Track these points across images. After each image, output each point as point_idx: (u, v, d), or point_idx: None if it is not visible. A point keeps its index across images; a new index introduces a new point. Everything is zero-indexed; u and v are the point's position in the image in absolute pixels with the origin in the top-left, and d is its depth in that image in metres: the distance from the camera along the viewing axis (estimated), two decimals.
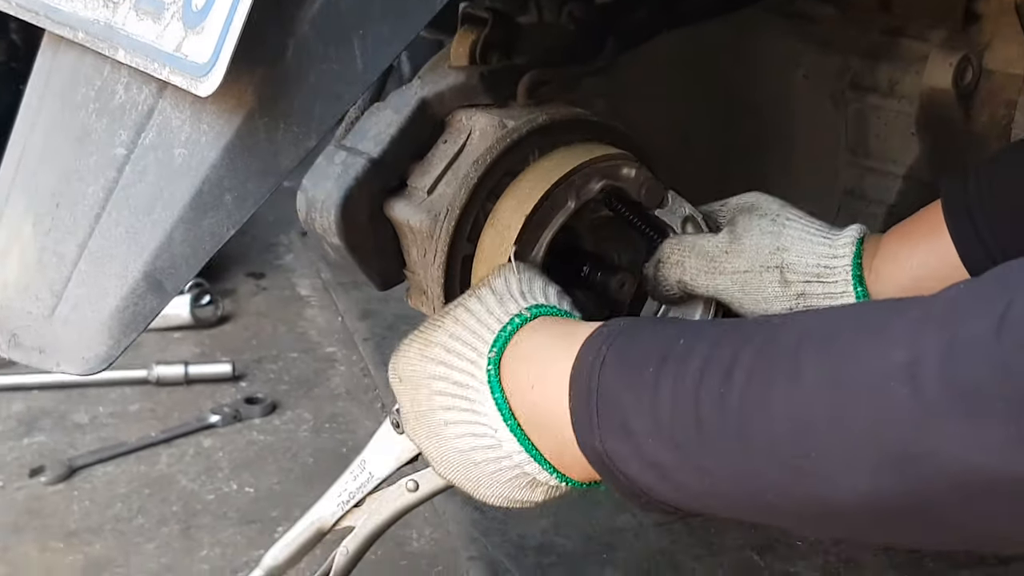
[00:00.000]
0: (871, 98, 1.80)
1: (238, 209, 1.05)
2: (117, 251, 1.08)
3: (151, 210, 1.06)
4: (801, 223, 1.37)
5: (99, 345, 1.09)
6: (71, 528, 2.11)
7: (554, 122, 1.52)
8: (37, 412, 2.49)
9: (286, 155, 1.04)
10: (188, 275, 1.06)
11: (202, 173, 1.03)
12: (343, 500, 1.77)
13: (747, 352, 0.92)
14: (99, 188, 1.10)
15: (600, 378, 1.03)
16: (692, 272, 1.39)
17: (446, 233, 1.46)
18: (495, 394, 1.12)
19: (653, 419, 0.97)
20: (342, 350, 2.76)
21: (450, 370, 1.16)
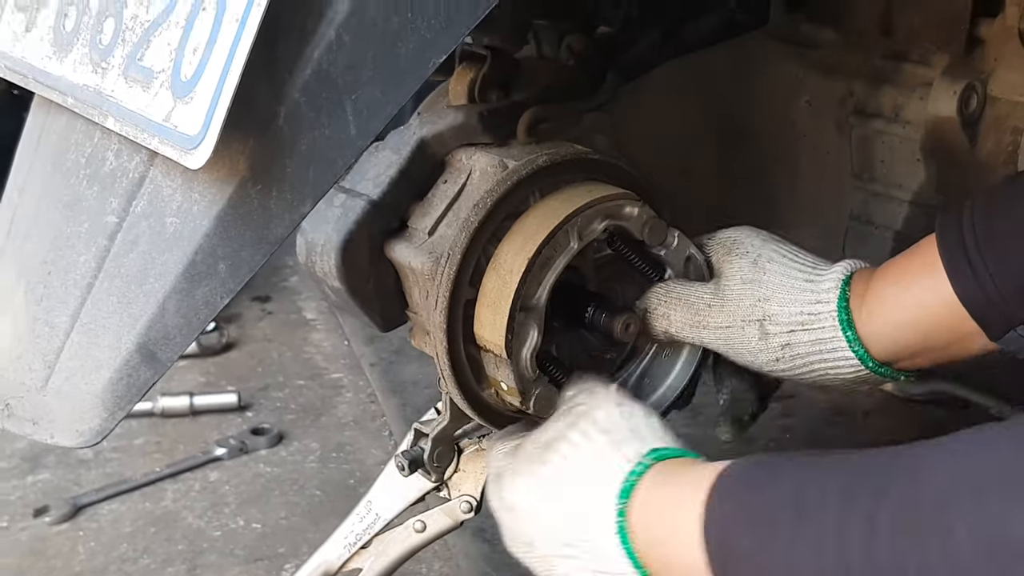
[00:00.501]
0: (875, 123, 1.78)
1: (232, 278, 1.03)
2: (110, 322, 1.06)
3: (143, 280, 1.04)
4: (783, 264, 1.34)
5: (93, 418, 1.07)
6: (76, 570, 2.09)
7: (555, 162, 1.49)
8: (40, 448, 2.47)
9: (280, 222, 1.03)
10: (183, 345, 1.04)
11: (195, 242, 1.01)
12: (349, 542, 1.76)
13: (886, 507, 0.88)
14: (91, 257, 1.08)
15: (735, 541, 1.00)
16: (677, 325, 1.38)
17: (447, 279, 1.44)
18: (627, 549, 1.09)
19: None
20: (348, 376, 2.74)
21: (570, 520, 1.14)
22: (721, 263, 1.39)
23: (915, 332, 1.28)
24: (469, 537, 2.12)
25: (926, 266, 1.27)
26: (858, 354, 1.30)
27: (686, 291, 1.39)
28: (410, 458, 1.65)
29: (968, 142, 1.66)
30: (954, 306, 1.24)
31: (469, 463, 1.70)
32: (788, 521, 0.95)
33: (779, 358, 1.33)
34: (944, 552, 0.83)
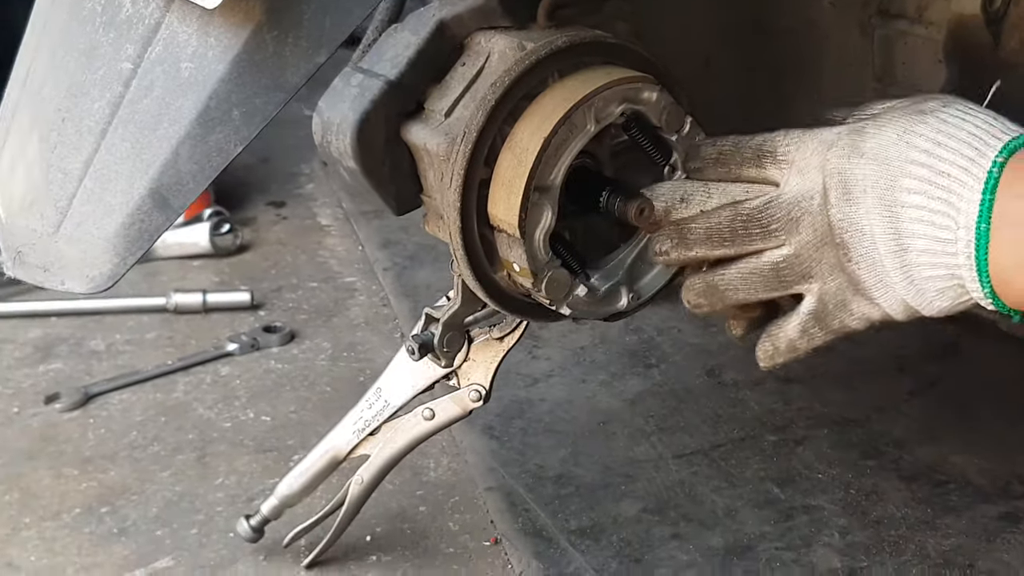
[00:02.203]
0: (898, 24, 1.76)
1: (246, 125, 1.03)
2: (123, 168, 1.06)
3: (157, 126, 1.04)
4: None
5: (104, 263, 1.07)
6: (85, 455, 2.10)
7: (573, 44, 1.48)
8: (54, 339, 2.48)
9: (295, 70, 1.02)
10: (195, 192, 1.04)
11: (209, 87, 1.01)
12: (358, 428, 1.77)
13: None
14: (105, 104, 1.08)
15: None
16: None
17: (463, 156, 1.44)
18: (986, 194, 1.10)
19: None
20: (362, 280, 2.74)
21: (937, 160, 1.13)
22: None
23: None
24: (478, 433, 2.12)
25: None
26: None
27: None
28: (420, 342, 1.65)
29: (992, 41, 1.64)
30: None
31: (479, 352, 1.71)
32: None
33: None
34: None
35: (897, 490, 1.98)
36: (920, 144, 1.14)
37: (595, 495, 1.97)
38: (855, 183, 1.17)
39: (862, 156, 1.17)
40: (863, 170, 1.17)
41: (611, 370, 2.33)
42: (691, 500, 1.96)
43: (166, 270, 2.77)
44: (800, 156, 1.23)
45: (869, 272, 1.18)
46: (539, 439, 2.12)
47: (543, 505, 1.94)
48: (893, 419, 2.17)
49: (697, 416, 2.19)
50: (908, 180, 1.14)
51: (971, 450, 2.07)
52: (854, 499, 1.96)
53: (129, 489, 2.01)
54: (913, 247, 1.14)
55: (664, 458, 2.07)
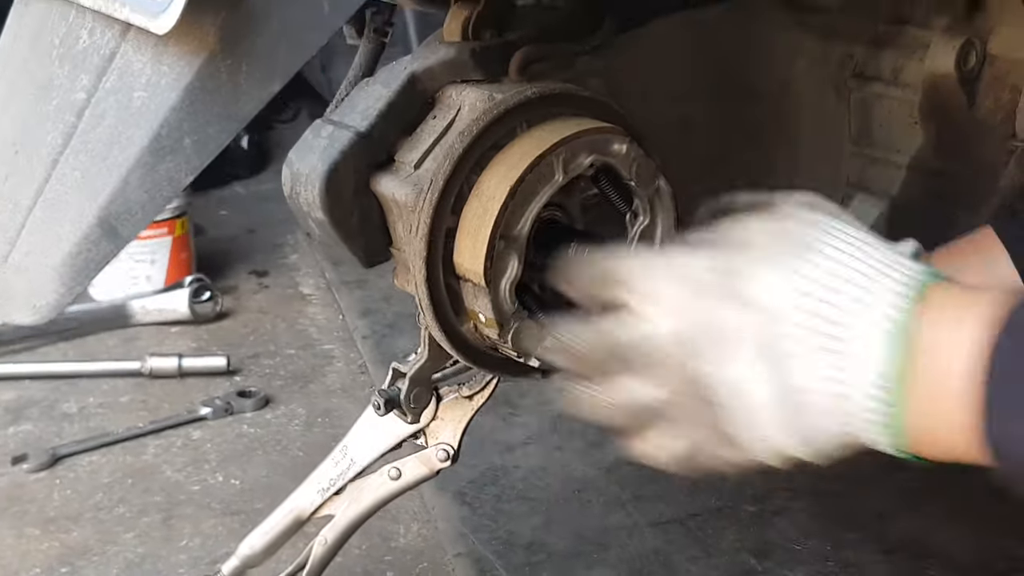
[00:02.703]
0: (874, 87, 1.75)
1: (197, 154, 1.01)
2: (72, 197, 1.04)
3: (108, 154, 1.02)
4: None
5: (50, 292, 1.05)
6: (49, 515, 2.07)
7: (544, 95, 1.47)
8: (26, 401, 2.45)
9: (248, 99, 1.01)
10: (144, 221, 1.02)
11: (161, 116, 1.00)
12: (323, 487, 1.73)
13: None
14: (58, 134, 1.06)
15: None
16: None
17: (429, 204, 1.42)
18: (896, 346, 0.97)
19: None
20: (341, 348, 2.71)
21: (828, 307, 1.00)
22: None
23: None
24: (449, 499, 2.09)
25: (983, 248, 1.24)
26: None
27: None
28: (386, 397, 1.62)
29: (967, 101, 1.63)
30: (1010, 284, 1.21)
31: (448, 411, 1.67)
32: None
33: None
34: None
35: (877, 563, 1.95)
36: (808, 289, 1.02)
37: (567, 563, 1.93)
38: (730, 337, 1.04)
39: (738, 304, 1.05)
40: (739, 320, 1.04)
41: (588, 438, 2.30)
42: (665, 569, 1.92)
43: (144, 335, 2.75)
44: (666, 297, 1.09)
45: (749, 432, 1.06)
46: (512, 506, 2.08)
47: (512, 572, 1.90)
48: (875, 492, 2.14)
49: (674, 485, 2.15)
50: (795, 330, 1.01)
51: (954, 524, 2.03)
52: (832, 571, 1.93)
53: (91, 550, 1.97)
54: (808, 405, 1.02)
55: (639, 526, 2.03)
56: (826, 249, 1.04)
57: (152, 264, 2.84)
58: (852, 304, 1.00)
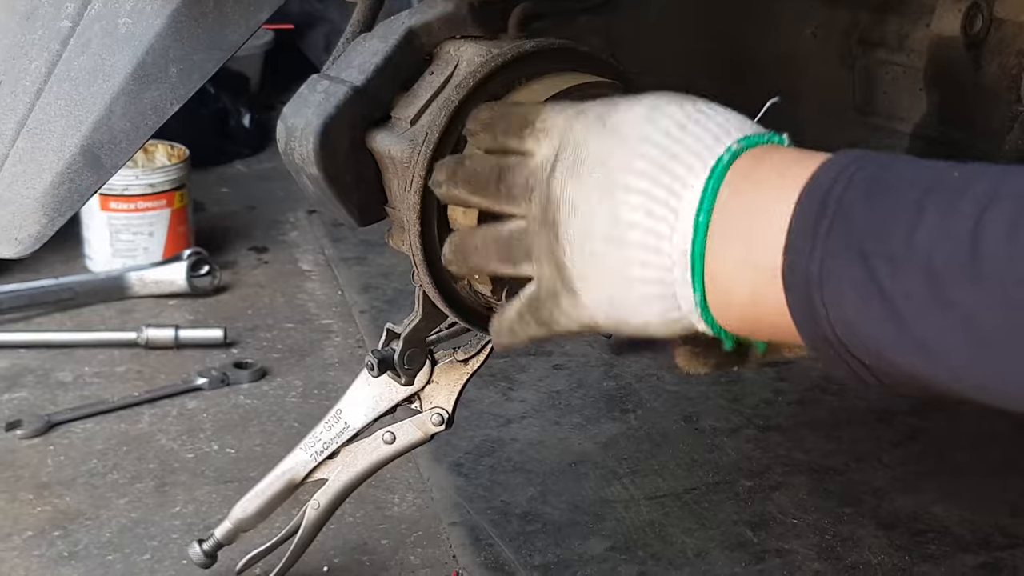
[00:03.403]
0: (879, 53, 1.73)
1: (183, 83, 0.99)
2: (55, 126, 1.02)
3: (92, 82, 1.00)
4: None
5: (32, 224, 1.03)
6: (43, 480, 2.05)
7: (541, 50, 1.46)
8: (21, 369, 2.43)
9: (235, 27, 0.99)
10: (128, 151, 1.00)
11: (146, 42, 0.98)
12: (316, 451, 1.71)
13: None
14: (42, 63, 1.04)
15: (844, 196, 0.84)
16: None
17: (423, 158, 1.40)
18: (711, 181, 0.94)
19: (906, 244, 0.79)
20: (339, 322, 2.70)
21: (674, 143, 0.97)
22: None
23: None
24: (445, 470, 2.07)
25: None
26: None
27: None
28: (380, 357, 1.61)
29: (972, 65, 1.61)
30: None
31: (442, 375, 1.66)
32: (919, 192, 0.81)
33: None
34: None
35: (874, 537, 1.92)
36: (663, 124, 0.99)
37: (562, 532, 1.91)
38: (586, 157, 1.03)
39: (603, 128, 1.03)
40: (599, 144, 1.03)
41: (586, 414, 2.28)
42: (661, 540, 1.90)
43: (141, 307, 2.73)
44: (554, 124, 1.10)
45: (575, 259, 1.03)
46: (508, 477, 2.06)
47: (507, 541, 1.88)
48: (873, 468, 2.12)
49: (672, 460, 2.13)
50: (640, 162, 0.99)
51: (951, 500, 2.02)
52: (829, 544, 1.90)
53: (83, 514, 1.95)
54: (629, 239, 0.99)
55: (635, 499, 2.01)
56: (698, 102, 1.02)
57: (150, 236, 2.82)
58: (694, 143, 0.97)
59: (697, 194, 0.94)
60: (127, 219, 2.82)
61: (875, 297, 0.80)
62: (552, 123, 1.10)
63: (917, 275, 0.78)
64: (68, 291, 2.68)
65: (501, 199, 1.12)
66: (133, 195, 2.79)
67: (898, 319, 0.80)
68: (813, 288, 0.85)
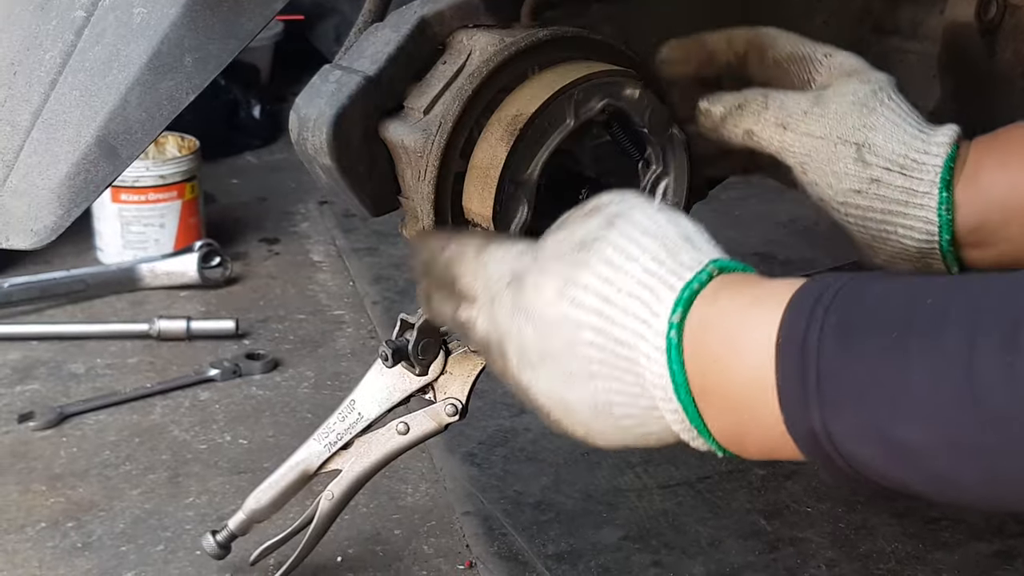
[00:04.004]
0: (893, 41, 1.73)
1: (198, 72, 0.99)
2: (71, 116, 1.02)
3: (107, 72, 1.00)
4: (900, 104, 1.29)
5: (48, 215, 1.03)
6: (55, 472, 2.05)
7: (555, 38, 1.46)
8: (33, 361, 2.44)
9: (251, 16, 0.99)
10: (144, 141, 1.00)
11: (161, 32, 0.98)
12: (330, 441, 1.71)
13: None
14: (56, 53, 1.04)
15: (820, 347, 0.85)
16: (764, 123, 1.31)
17: (437, 147, 1.41)
18: (673, 364, 0.94)
19: (903, 394, 0.81)
20: (351, 313, 2.70)
21: (610, 324, 0.98)
22: (834, 80, 1.32)
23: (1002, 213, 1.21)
24: (458, 460, 2.07)
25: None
26: (941, 220, 1.23)
27: (784, 95, 1.32)
28: (394, 347, 1.61)
29: (986, 52, 1.61)
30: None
31: (456, 365, 1.66)
32: (898, 331, 0.82)
33: (862, 190, 1.25)
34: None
35: (888, 525, 1.92)
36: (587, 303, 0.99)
37: (575, 522, 1.91)
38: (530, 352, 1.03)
39: (527, 319, 1.04)
40: (532, 336, 1.03)
41: None
42: (674, 529, 1.90)
43: (152, 299, 2.73)
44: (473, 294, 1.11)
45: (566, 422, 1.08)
46: (521, 467, 2.06)
47: (521, 530, 1.88)
48: None
49: (684, 449, 2.11)
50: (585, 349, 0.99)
51: None
52: (843, 533, 1.90)
53: (97, 505, 1.96)
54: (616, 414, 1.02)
55: (648, 488, 2.01)
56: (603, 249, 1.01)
57: (161, 228, 2.82)
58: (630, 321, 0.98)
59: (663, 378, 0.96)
60: (138, 211, 2.82)
61: (885, 447, 0.82)
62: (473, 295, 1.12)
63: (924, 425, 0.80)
64: (80, 283, 2.68)
65: None
66: (144, 187, 2.79)
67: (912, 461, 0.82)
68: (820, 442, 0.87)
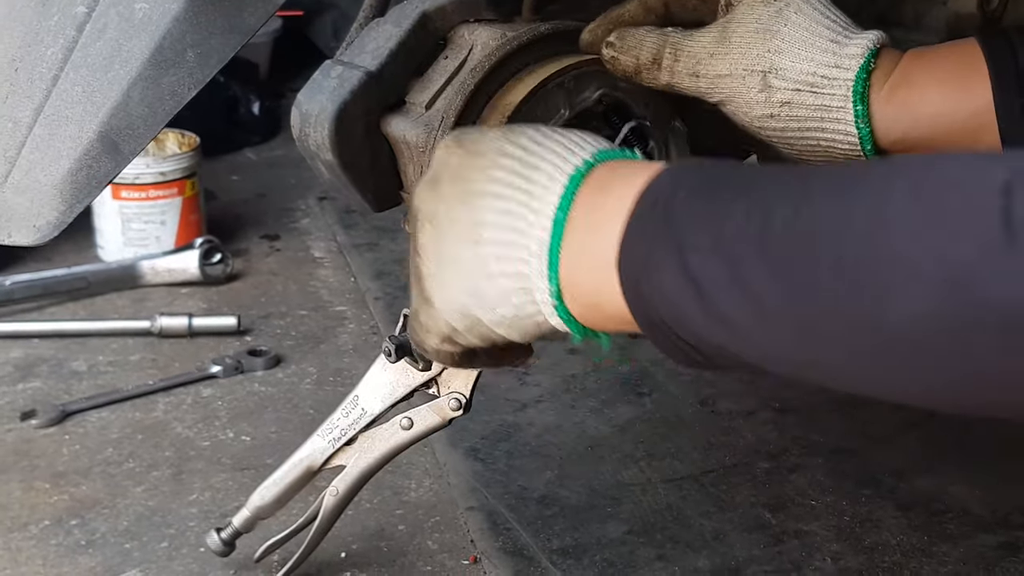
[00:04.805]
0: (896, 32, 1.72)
1: (200, 67, 0.98)
2: (73, 112, 1.01)
3: (109, 68, 1.00)
4: (810, 18, 1.26)
5: (51, 211, 1.03)
6: (59, 470, 2.05)
7: (557, 32, 1.46)
8: (35, 359, 2.43)
9: (253, 11, 0.99)
10: (146, 137, 1.00)
11: (163, 27, 0.97)
12: (334, 437, 1.71)
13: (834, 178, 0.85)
14: (58, 49, 1.04)
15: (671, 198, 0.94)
16: (678, 75, 1.32)
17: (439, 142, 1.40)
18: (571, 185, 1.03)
19: (713, 236, 0.88)
20: (352, 309, 2.69)
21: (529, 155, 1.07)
22: (734, 10, 1.31)
23: (931, 128, 1.22)
24: (462, 455, 2.07)
25: (964, 66, 1.21)
26: (861, 132, 1.24)
27: (689, 40, 1.32)
28: (397, 343, 1.61)
29: None
30: (983, 115, 1.18)
31: None
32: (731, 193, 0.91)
33: (774, 114, 1.26)
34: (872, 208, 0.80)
35: (893, 518, 1.92)
36: (520, 140, 1.08)
37: (579, 516, 1.91)
38: (443, 171, 1.12)
39: (460, 146, 1.12)
40: (455, 159, 1.11)
41: (602, 397, 2.28)
42: (678, 523, 1.90)
43: (153, 296, 2.73)
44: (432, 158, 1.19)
45: (429, 266, 1.11)
46: (524, 462, 2.06)
47: (525, 525, 1.88)
48: (891, 449, 2.11)
49: (688, 443, 2.13)
50: (497, 171, 1.07)
51: (970, 481, 2.01)
52: (848, 526, 1.90)
53: (100, 503, 1.95)
54: (484, 236, 1.06)
55: (652, 483, 2.01)
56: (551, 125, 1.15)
57: (162, 225, 2.82)
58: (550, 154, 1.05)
59: (556, 196, 1.03)
60: (139, 208, 2.81)
61: (687, 282, 0.89)
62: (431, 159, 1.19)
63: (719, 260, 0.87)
64: (81, 280, 2.68)
65: None
66: (144, 184, 2.79)
67: (704, 299, 0.88)
68: (641, 278, 0.94)
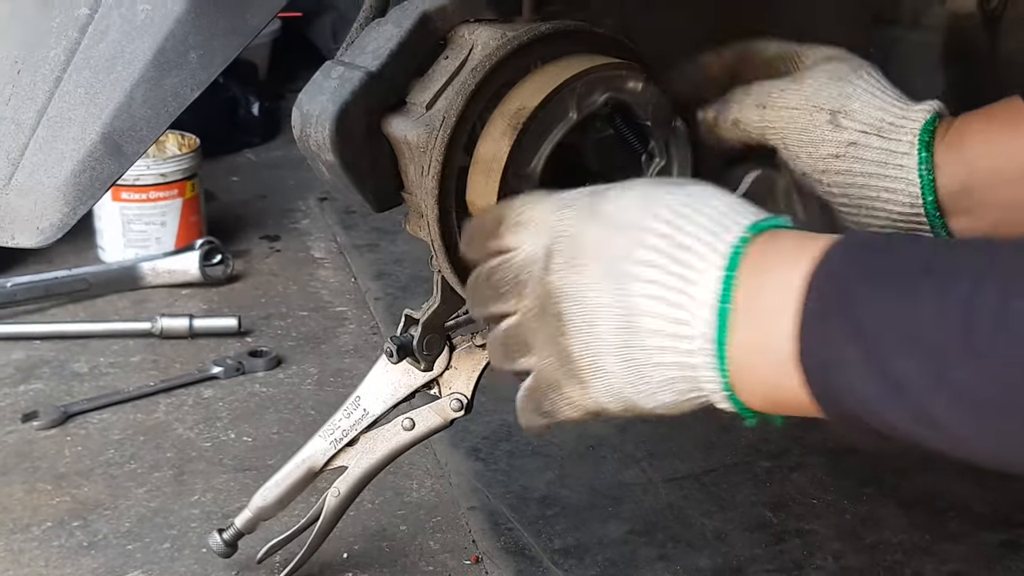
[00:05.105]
0: (895, 31, 1.73)
1: (203, 69, 0.99)
2: (76, 114, 1.02)
3: (111, 69, 1.00)
4: (879, 81, 1.30)
5: (54, 213, 1.03)
6: (60, 471, 2.05)
7: (557, 32, 1.46)
8: (36, 361, 2.43)
9: (256, 12, 0.99)
10: (149, 138, 1.00)
11: (166, 29, 0.98)
12: (336, 438, 1.71)
13: None
14: (61, 51, 1.04)
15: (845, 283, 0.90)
16: (746, 108, 1.34)
17: (441, 142, 1.40)
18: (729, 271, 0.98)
19: (906, 327, 0.85)
20: (353, 309, 2.70)
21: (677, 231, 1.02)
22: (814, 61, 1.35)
23: (987, 177, 1.24)
24: (463, 456, 2.07)
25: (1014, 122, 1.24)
26: (923, 180, 1.25)
27: (765, 81, 1.36)
28: (398, 343, 1.61)
29: (988, 41, 1.61)
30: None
31: (461, 361, 1.66)
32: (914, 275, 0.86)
33: (840, 154, 1.27)
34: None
35: (894, 516, 1.92)
36: (662, 213, 1.03)
37: (581, 516, 1.91)
38: (583, 248, 1.07)
39: (597, 219, 1.08)
40: (595, 235, 1.07)
41: None
42: (680, 523, 1.90)
43: (154, 297, 2.73)
44: (536, 217, 1.14)
45: (583, 350, 1.06)
46: (526, 462, 2.06)
47: (527, 525, 1.88)
48: (892, 448, 2.11)
49: (689, 443, 2.13)
50: (643, 251, 1.03)
51: (971, 479, 2.01)
52: (849, 524, 1.90)
53: (102, 504, 1.95)
54: (641, 327, 1.02)
55: (653, 482, 2.01)
56: (687, 186, 1.08)
57: (162, 226, 2.82)
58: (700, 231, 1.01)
59: (715, 281, 0.98)
60: (139, 209, 2.81)
61: (886, 382, 0.86)
62: (531, 215, 1.15)
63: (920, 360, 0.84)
64: (82, 282, 2.68)
65: (490, 304, 1.17)
66: (145, 185, 2.79)
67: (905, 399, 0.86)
68: (830, 376, 0.91)
